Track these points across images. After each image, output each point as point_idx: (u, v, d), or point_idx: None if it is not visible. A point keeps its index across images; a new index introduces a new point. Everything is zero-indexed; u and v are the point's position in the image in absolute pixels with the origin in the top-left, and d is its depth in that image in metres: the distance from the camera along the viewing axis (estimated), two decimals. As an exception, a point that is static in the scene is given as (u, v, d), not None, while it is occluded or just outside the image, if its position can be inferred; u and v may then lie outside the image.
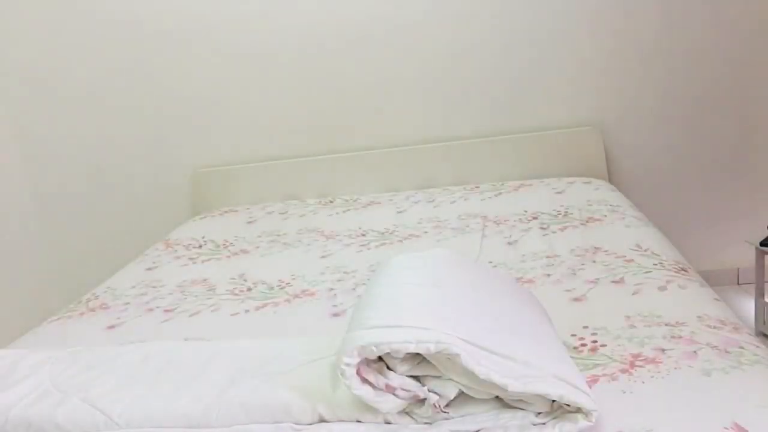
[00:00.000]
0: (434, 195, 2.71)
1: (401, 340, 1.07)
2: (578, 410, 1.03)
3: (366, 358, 1.10)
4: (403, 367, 1.12)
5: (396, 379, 1.11)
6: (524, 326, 1.24)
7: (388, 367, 1.13)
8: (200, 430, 1.13)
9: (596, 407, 1.02)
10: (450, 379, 1.10)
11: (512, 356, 1.09)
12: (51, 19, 2.94)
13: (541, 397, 1.04)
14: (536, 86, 2.82)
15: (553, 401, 1.06)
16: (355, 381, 1.09)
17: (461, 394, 1.11)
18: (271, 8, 2.84)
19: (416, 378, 1.13)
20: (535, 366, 1.07)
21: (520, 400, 1.07)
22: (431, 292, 1.25)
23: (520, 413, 1.08)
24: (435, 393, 1.11)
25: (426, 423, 1.11)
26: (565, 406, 1.05)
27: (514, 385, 1.03)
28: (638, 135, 2.84)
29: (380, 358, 1.12)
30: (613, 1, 2.70)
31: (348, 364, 1.08)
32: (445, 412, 1.11)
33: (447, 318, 1.14)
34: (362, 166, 2.93)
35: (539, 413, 1.07)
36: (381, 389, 1.11)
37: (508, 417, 1.08)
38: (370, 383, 1.10)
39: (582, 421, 1.01)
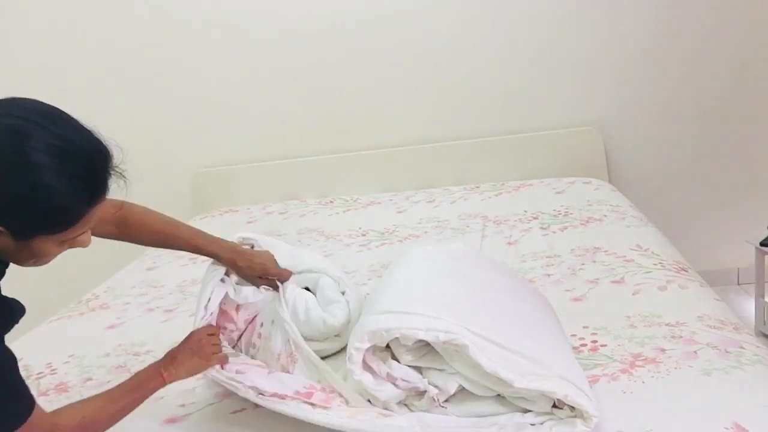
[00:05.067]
0: (434, 195, 2.71)
1: (411, 326, 1.08)
2: (577, 415, 1.03)
3: (374, 345, 1.11)
4: (408, 357, 1.13)
5: (398, 369, 1.12)
6: (535, 325, 1.24)
7: (393, 357, 1.13)
8: None
9: (597, 414, 1.02)
10: (452, 374, 1.11)
11: (521, 352, 1.09)
12: (51, 20, 2.94)
13: (544, 397, 1.05)
14: (536, 86, 2.82)
15: (554, 405, 1.06)
16: (358, 367, 1.10)
17: (461, 390, 1.11)
18: (272, 9, 2.84)
19: (418, 370, 1.13)
20: (543, 364, 1.08)
21: (522, 398, 1.08)
22: (446, 284, 1.26)
23: (516, 414, 1.08)
24: (435, 387, 1.11)
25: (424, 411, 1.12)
26: (565, 409, 1.05)
27: (520, 381, 1.03)
28: (638, 135, 2.83)
29: (388, 346, 1.13)
30: (614, 1, 2.70)
31: (357, 349, 1.10)
32: (443, 406, 1.11)
33: (459, 309, 1.15)
34: (362, 166, 2.93)
35: (533, 412, 1.07)
36: (382, 378, 1.11)
37: (502, 415, 1.08)
38: (372, 370, 1.11)
39: (580, 426, 1.01)
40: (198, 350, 1.21)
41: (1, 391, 0.92)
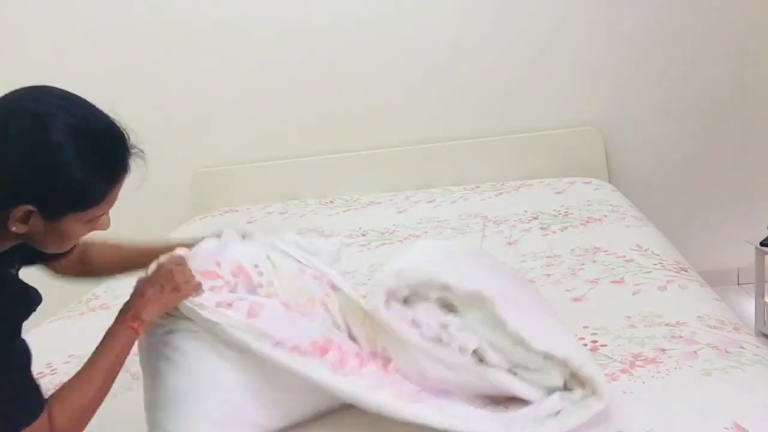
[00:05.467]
0: (434, 195, 2.71)
1: (440, 272, 1.13)
2: (587, 394, 1.04)
3: (392, 299, 1.13)
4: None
5: (424, 313, 1.13)
6: (545, 313, 1.26)
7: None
8: None
9: (608, 387, 1.04)
10: (473, 330, 1.11)
11: (538, 323, 1.13)
12: (51, 20, 2.94)
13: (558, 370, 1.06)
14: (536, 86, 2.82)
15: (564, 386, 1.07)
16: (382, 303, 1.12)
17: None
18: (272, 9, 2.84)
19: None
20: (557, 337, 1.12)
21: (537, 371, 1.08)
22: (461, 261, 1.30)
23: (529, 410, 1.07)
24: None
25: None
26: (575, 390, 1.05)
27: (540, 341, 1.06)
28: (638, 135, 2.83)
29: (405, 302, 1.16)
30: (614, 1, 2.70)
31: (381, 286, 1.12)
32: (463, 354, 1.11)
33: (479, 279, 1.18)
34: (362, 166, 2.93)
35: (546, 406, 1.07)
36: (407, 323, 1.12)
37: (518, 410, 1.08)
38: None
39: (596, 405, 1.02)
40: (168, 281, 1.11)
41: (7, 389, 0.90)
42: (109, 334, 1.08)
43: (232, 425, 1.08)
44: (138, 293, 1.12)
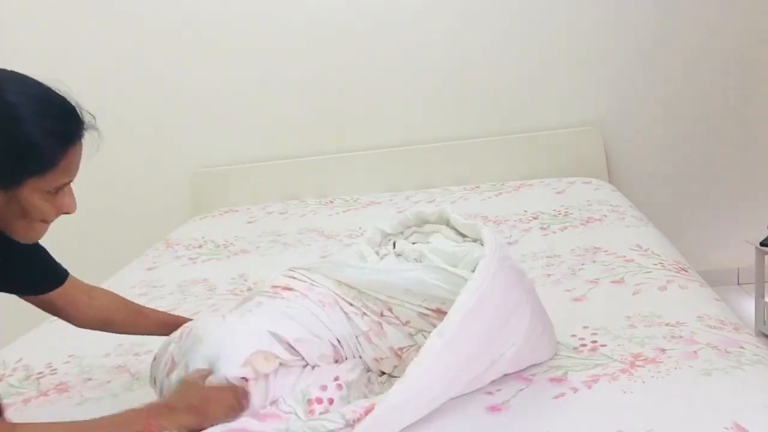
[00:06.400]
0: (434, 195, 2.71)
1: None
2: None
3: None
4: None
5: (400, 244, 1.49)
6: None
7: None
8: None
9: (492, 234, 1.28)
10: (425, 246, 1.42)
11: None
12: (52, 20, 2.94)
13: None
14: (536, 86, 2.82)
15: None
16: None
17: None
18: (271, 8, 2.84)
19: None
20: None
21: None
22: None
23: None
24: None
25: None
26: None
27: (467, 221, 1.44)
28: (638, 135, 2.83)
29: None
30: (614, 1, 2.70)
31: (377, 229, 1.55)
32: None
33: None
34: (362, 166, 2.93)
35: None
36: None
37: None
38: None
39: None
40: (200, 407, 1.04)
41: None
42: (118, 421, 0.98)
43: None
44: (167, 403, 1.05)
